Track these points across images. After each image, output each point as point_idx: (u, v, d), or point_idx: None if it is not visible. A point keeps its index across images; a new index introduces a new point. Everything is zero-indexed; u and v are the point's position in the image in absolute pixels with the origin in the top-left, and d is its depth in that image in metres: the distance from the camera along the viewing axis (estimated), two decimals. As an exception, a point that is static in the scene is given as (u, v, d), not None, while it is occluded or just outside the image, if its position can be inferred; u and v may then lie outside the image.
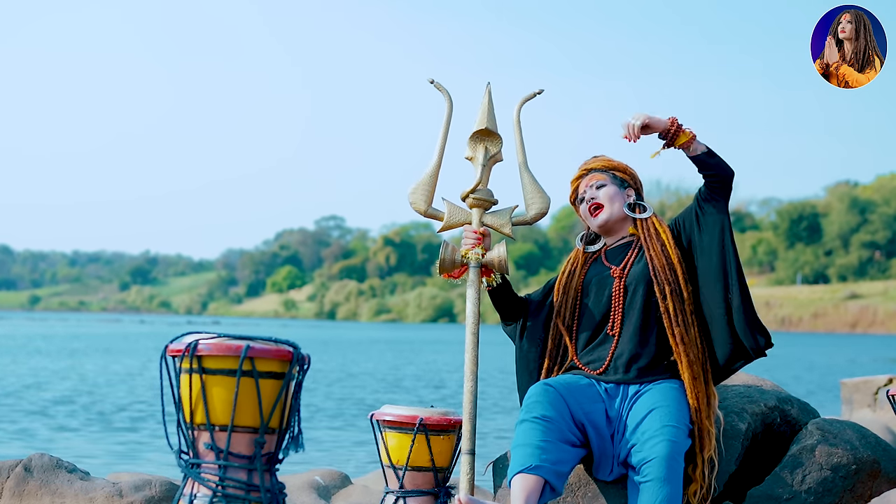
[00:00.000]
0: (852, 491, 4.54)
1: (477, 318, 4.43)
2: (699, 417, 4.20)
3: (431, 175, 4.55)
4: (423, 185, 4.54)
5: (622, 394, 4.26)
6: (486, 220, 4.52)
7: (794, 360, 38.06)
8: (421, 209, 4.53)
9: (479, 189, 4.50)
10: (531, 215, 4.55)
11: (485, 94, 4.59)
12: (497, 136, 4.51)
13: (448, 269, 4.50)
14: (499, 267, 4.44)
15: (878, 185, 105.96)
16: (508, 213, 4.53)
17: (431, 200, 4.55)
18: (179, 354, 3.63)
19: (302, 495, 6.03)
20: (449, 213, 4.54)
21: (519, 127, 4.57)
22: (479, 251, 4.44)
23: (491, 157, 4.51)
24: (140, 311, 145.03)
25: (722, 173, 4.32)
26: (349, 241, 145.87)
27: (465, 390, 4.32)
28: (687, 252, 4.39)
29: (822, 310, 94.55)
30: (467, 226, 4.51)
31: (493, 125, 4.51)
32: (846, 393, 10.84)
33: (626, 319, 4.33)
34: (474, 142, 4.52)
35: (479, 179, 4.49)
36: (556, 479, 4.04)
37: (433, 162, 4.55)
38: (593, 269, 4.48)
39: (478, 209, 4.52)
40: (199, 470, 3.60)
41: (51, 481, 4.97)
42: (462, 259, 4.46)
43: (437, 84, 4.58)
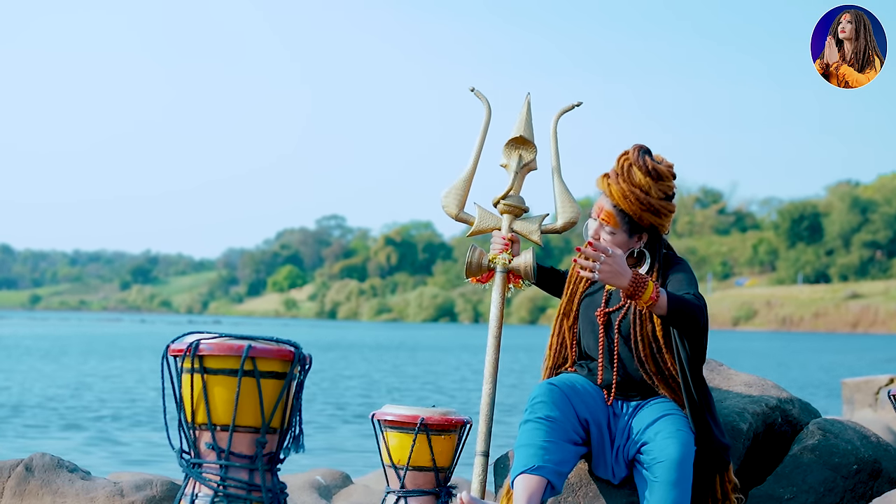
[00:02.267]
0: (853, 491, 4.54)
1: (500, 322, 4.47)
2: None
3: (465, 180, 4.61)
4: (457, 189, 4.60)
5: (622, 408, 4.23)
6: (515, 226, 4.56)
7: (795, 360, 38.06)
8: (452, 213, 4.60)
9: (510, 195, 4.54)
10: (561, 224, 4.58)
11: (524, 103, 4.64)
12: (532, 145, 4.55)
13: (474, 272, 4.55)
14: (525, 273, 4.48)
15: (880, 185, 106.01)
16: (538, 221, 4.57)
17: (464, 205, 4.61)
18: (181, 354, 3.63)
19: (303, 495, 6.03)
20: (479, 217, 4.59)
21: (555, 137, 4.61)
22: (507, 256, 4.48)
23: (525, 165, 4.55)
24: (141, 310, 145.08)
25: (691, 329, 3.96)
26: (350, 240, 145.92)
27: (484, 392, 4.38)
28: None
29: (823, 309, 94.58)
30: (496, 231, 4.56)
31: (529, 134, 4.55)
32: (847, 393, 10.85)
33: (624, 341, 4.20)
34: (509, 149, 4.57)
35: (512, 186, 4.53)
36: (557, 479, 4.04)
37: (468, 167, 4.61)
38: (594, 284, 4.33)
39: (508, 215, 4.56)
40: (201, 470, 3.60)
41: (52, 481, 4.96)
42: (489, 264, 4.50)
43: (478, 92, 4.66)
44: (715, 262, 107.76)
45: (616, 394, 4.23)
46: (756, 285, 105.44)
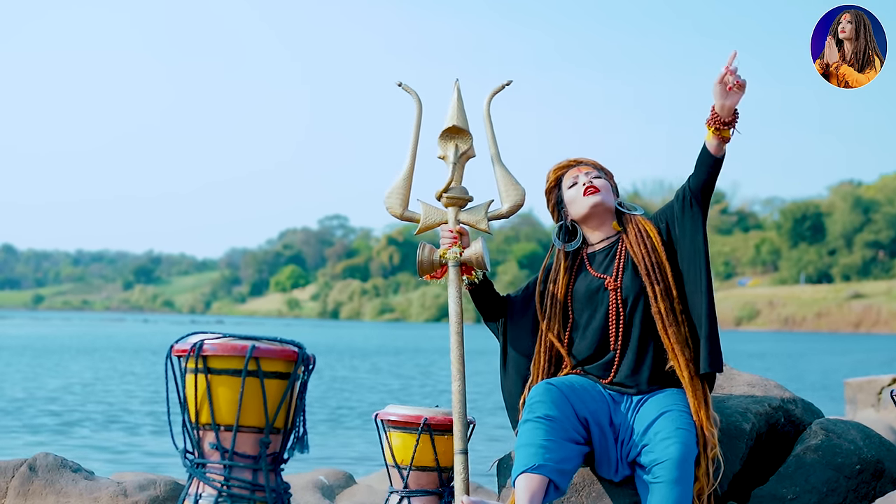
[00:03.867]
0: (856, 491, 4.54)
1: (460, 318, 4.39)
2: (699, 417, 4.17)
3: (405, 178, 4.51)
4: (398, 188, 4.51)
5: (626, 402, 4.24)
6: (461, 218, 4.48)
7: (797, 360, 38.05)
8: (397, 213, 4.50)
9: (452, 187, 4.46)
10: (506, 208, 4.48)
11: (454, 91, 4.54)
12: (467, 133, 4.46)
13: (427, 270, 4.47)
14: (477, 264, 4.39)
15: (882, 185, 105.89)
16: (483, 209, 4.48)
17: (407, 203, 4.52)
18: (185, 354, 3.64)
19: (306, 495, 6.04)
20: (425, 214, 4.50)
21: (489, 120, 4.52)
22: (457, 250, 4.40)
23: (462, 154, 4.47)
24: (143, 310, 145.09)
25: (717, 175, 4.22)
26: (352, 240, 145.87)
27: (454, 390, 4.29)
28: (669, 250, 4.32)
29: (825, 309, 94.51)
30: (443, 225, 4.48)
31: (462, 122, 4.46)
32: (850, 393, 10.85)
33: (626, 335, 4.26)
34: (444, 140, 4.48)
35: (451, 177, 4.45)
36: (559, 477, 4.03)
37: (406, 164, 4.51)
38: (580, 278, 4.37)
39: (453, 208, 4.48)
40: (205, 470, 3.61)
41: (55, 481, 4.97)
42: (441, 259, 4.42)
43: (406, 86, 4.56)
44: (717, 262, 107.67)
45: (625, 386, 4.24)
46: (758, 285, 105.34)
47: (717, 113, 4.06)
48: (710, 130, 4.09)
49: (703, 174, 4.19)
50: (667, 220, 4.33)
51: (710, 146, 4.12)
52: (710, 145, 4.12)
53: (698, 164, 4.20)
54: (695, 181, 4.22)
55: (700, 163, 4.19)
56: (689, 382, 4.19)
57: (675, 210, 4.29)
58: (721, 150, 4.12)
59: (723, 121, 4.05)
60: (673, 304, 4.23)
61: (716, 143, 4.10)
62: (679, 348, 4.19)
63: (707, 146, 4.14)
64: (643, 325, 4.25)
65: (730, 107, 4.04)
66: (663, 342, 4.21)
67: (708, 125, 4.09)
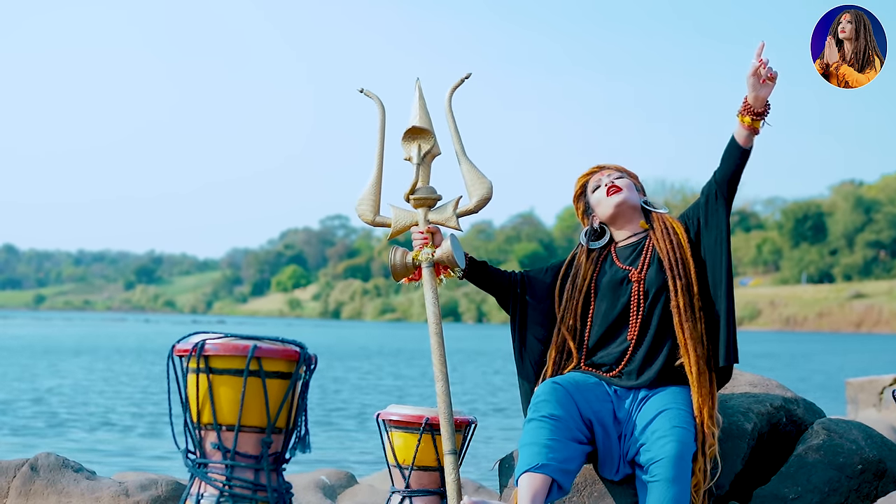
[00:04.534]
0: (858, 491, 4.54)
1: (438, 319, 4.39)
2: (702, 414, 4.19)
3: (374, 183, 4.50)
4: (368, 194, 4.49)
5: (632, 397, 4.26)
6: (431, 217, 4.46)
7: (799, 360, 38.04)
8: (369, 219, 4.50)
9: (419, 188, 4.45)
10: (474, 203, 4.46)
11: (415, 90, 4.52)
12: (428, 132, 4.44)
13: (401, 273, 4.47)
14: (448, 262, 4.39)
15: (884, 185, 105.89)
16: (451, 207, 4.46)
17: (378, 208, 4.50)
18: (186, 354, 3.64)
19: (308, 495, 6.04)
20: (395, 217, 4.49)
21: (451, 116, 4.49)
22: (430, 250, 4.39)
23: (426, 154, 4.45)
24: (145, 310, 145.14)
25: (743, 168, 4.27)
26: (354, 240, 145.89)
27: (438, 391, 4.28)
28: (695, 248, 4.36)
29: (826, 309, 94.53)
30: (414, 227, 4.47)
31: (424, 122, 4.44)
32: (851, 392, 10.85)
33: (644, 326, 4.29)
34: (407, 141, 4.46)
35: (417, 178, 4.44)
36: (563, 477, 4.04)
37: (374, 170, 4.51)
38: (605, 269, 4.40)
39: (422, 208, 4.47)
40: (206, 470, 3.61)
41: (57, 481, 4.97)
42: (414, 261, 4.42)
43: (367, 91, 4.55)
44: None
45: (633, 379, 4.26)
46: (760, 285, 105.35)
47: (749, 104, 4.12)
48: (741, 120, 4.15)
49: (730, 166, 4.24)
50: (695, 218, 4.38)
51: (739, 137, 4.18)
52: (739, 136, 4.18)
53: (725, 156, 4.25)
54: (721, 173, 4.27)
55: (728, 155, 4.24)
56: (697, 379, 4.21)
57: (701, 204, 4.35)
58: (750, 141, 4.18)
59: (755, 111, 4.12)
60: (692, 301, 4.26)
61: (746, 134, 4.16)
62: (692, 344, 4.22)
63: (736, 137, 4.19)
64: (661, 320, 4.28)
65: (763, 98, 4.11)
66: (678, 337, 4.25)
67: (740, 115, 4.15)
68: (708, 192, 4.32)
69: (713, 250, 4.29)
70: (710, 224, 4.30)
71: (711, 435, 4.18)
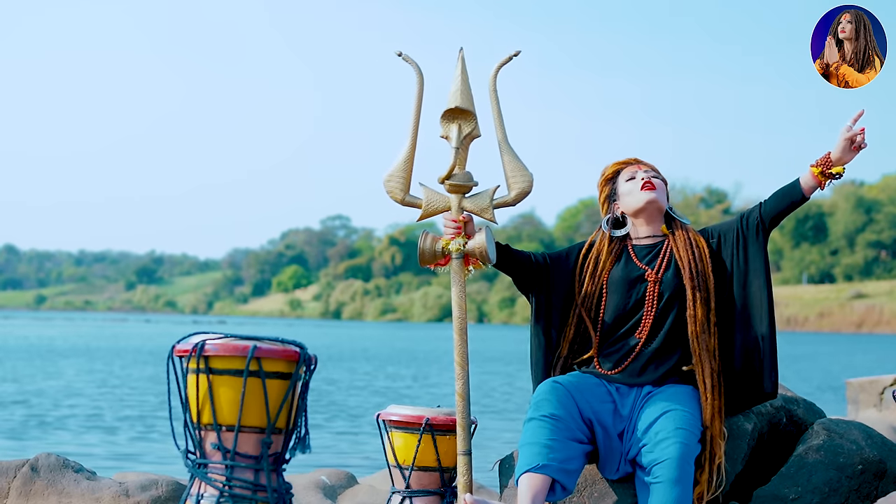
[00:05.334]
0: (858, 491, 4.55)
1: (463, 315, 4.25)
2: (713, 425, 4.19)
3: (406, 160, 4.25)
4: (398, 171, 4.25)
5: (635, 393, 4.26)
6: (465, 205, 4.25)
7: (799, 360, 38.04)
8: (398, 197, 4.27)
9: (455, 173, 4.23)
10: (513, 196, 4.28)
11: (457, 63, 4.27)
12: (470, 114, 4.21)
13: (429, 260, 4.28)
14: (480, 256, 4.23)
15: (884, 185, 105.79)
16: (489, 197, 4.27)
17: (409, 187, 4.27)
18: (186, 355, 3.64)
19: (308, 495, 6.04)
20: (427, 200, 4.26)
21: (496, 98, 4.28)
22: (461, 241, 4.23)
23: (466, 136, 4.22)
24: (146, 310, 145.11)
25: (792, 212, 4.36)
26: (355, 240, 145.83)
27: (457, 391, 4.24)
28: (718, 266, 4.36)
29: (827, 309, 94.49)
30: (446, 213, 4.28)
31: (466, 102, 4.20)
32: (852, 393, 10.84)
33: (656, 325, 4.29)
34: (447, 121, 4.23)
35: (454, 162, 4.20)
36: (564, 477, 4.04)
37: (407, 145, 4.25)
38: (622, 265, 4.38)
39: (456, 195, 4.26)
40: (206, 470, 3.61)
41: (57, 481, 4.98)
42: (443, 250, 4.26)
43: (406, 56, 4.30)
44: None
45: (637, 376, 4.26)
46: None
47: (832, 163, 4.18)
48: (815, 173, 4.19)
49: (782, 207, 4.29)
50: (720, 236, 4.39)
51: (805, 185, 4.23)
52: (806, 185, 4.23)
53: (782, 196, 4.29)
54: (771, 210, 4.31)
55: (784, 196, 4.28)
56: (711, 392, 4.21)
57: (742, 231, 4.35)
58: (812, 191, 4.24)
59: (833, 169, 4.18)
60: (709, 314, 4.28)
61: (814, 185, 4.22)
62: (707, 357, 4.22)
63: (802, 184, 4.23)
64: (673, 324, 4.28)
65: (846, 161, 4.18)
66: (691, 346, 4.25)
67: (816, 166, 4.19)
68: (751, 223, 4.33)
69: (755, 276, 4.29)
70: (751, 257, 4.31)
71: (718, 447, 4.19)
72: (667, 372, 4.28)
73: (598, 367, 4.35)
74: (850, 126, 4.13)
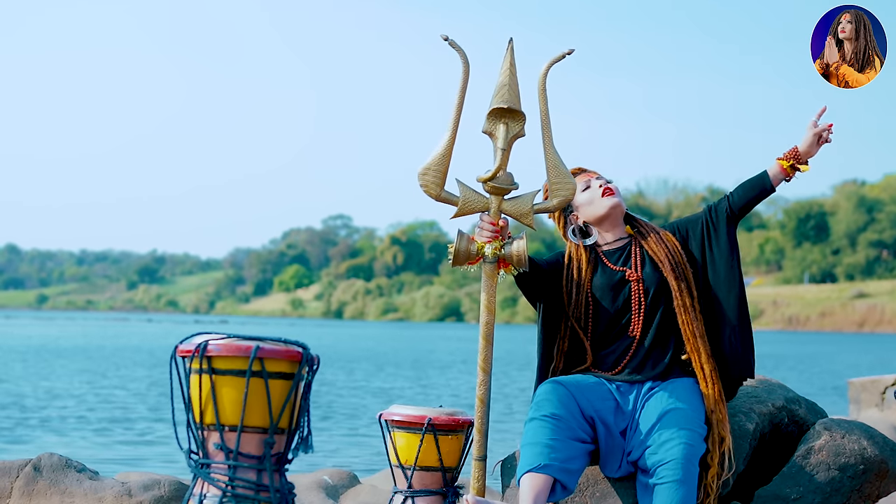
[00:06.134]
0: (860, 491, 4.55)
1: (491, 321, 4.11)
2: (717, 409, 4.22)
3: (444, 154, 4.05)
4: (436, 164, 4.04)
5: (636, 391, 4.27)
6: (505, 207, 4.09)
7: (801, 360, 38.02)
8: (434, 193, 4.06)
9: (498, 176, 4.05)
10: (555, 202, 4.14)
11: (506, 55, 4.04)
12: (520, 114, 4.02)
13: (462, 260, 4.12)
14: (517, 262, 4.09)
15: (886, 184, 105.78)
16: (530, 202, 4.11)
17: (444, 182, 4.06)
18: (189, 355, 3.64)
19: (310, 495, 6.04)
20: (464, 198, 4.07)
21: (545, 98, 4.08)
22: (497, 244, 4.08)
23: (512, 137, 4.03)
24: (147, 310, 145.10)
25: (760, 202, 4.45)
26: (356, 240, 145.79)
27: (477, 396, 4.18)
28: (692, 259, 4.41)
29: (829, 309, 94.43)
30: (484, 215, 4.10)
31: (515, 101, 4.00)
32: (853, 392, 10.84)
33: (647, 322, 4.32)
34: (494, 118, 4.03)
35: (500, 164, 4.01)
36: (566, 477, 4.05)
37: (446, 137, 4.05)
38: (598, 273, 4.39)
39: (496, 196, 4.07)
40: (209, 470, 3.62)
41: (60, 481, 4.98)
42: (479, 251, 4.10)
43: (453, 42, 4.04)
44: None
45: (637, 374, 4.27)
46: (762, 285, 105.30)
47: (800, 155, 4.30)
48: (783, 164, 4.31)
49: (750, 197, 4.39)
50: (687, 230, 4.46)
51: (773, 177, 4.34)
52: (774, 177, 4.34)
53: (748, 187, 4.38)
54: (740, 201, 4.40)
55: (752, 187, 4.37)
56: (709, 376, 4.24)
57: (712, 223, 4.42)
58: (779, 183, 4.36)
59: (801, 162, 4.31)
60: (694, 302, 4.33)
61: (781, 177, 4.34)
62: (701, 342, 4.27)
63: (770, 175, 4.34)
64: (663, 317, 4.33)
65: (813, 155, 4.31)
66: (684, 335, 4.30)
67: (784, 160, 4.31)
68: (720, 214, 4.41)
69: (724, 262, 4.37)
70: (722, 246, 4.39)
71: (725, 428, 4.22)
72: (667, 367, 4.29)
73: (598, 371, 4.36)
74: (816, 122, 4.25)
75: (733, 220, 4.40)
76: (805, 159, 4.29)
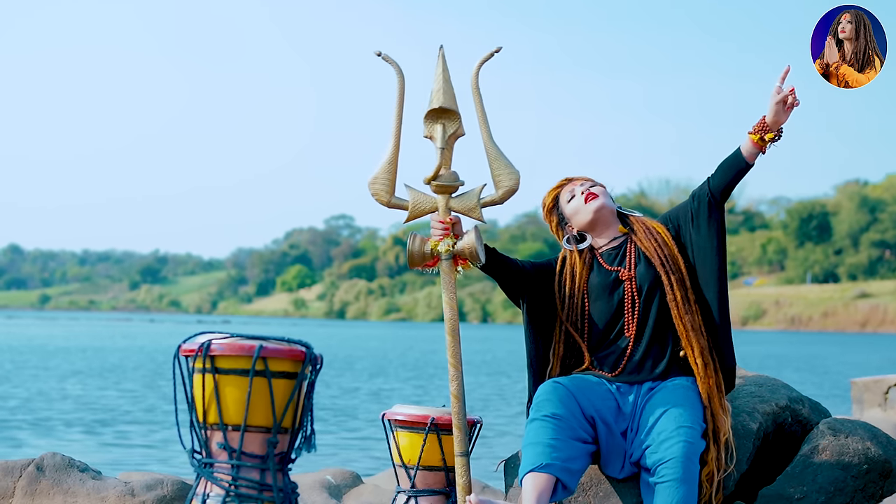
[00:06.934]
0: (864, 491, 4.55)
1: (455, 316, 4.24)
2: (712, 403, 4.21)
3: (390, 162, 4.21)
4: (383, 173, 4.21)
5: (636, 391, 4.27)
6: (452, 205, 4.23)
7: (804, 360, 38.02)
8: (384, 200, 4.23)
9: (440, 174, 4.20)
10: (500, 194, 4.26)
11: (438, 62, 4.23)
12: (454, 113, 4.18)
13: (418, 262, 4.26)
14: (470, 256, 4.21)
15: (888, 184, 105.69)
16: (476, 196, 4.25)
17: (394, 189, 4.23)
18: (192, 354, 3.64)
19: (313, 495, 6.05)
20: (413, 201, 4.24)
21: (479, 95, 4.22)
22: (450, 242, 4.20)
23: (450, 136, 4.19)
24: (150, 310, 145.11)
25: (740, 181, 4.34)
26: (359, 240, 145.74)
27: (451, 392, 4.21)
28: (682, 249, 4.39)
29: (832, 309, 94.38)
30: (433, 215, 4.25)
31: (449, 101, 4.17)
32: (857, 392, 10.85)
33: (641, 321, 4.32)
34: (431, 121, 4.20)
35: (440, 163, 4.17)
36: (567, 476, 4.05)
37: (390, 146, 4.20)
38: (593, 274, 4.39)
39: (443, 195, 4.22)
40: (212, 469, 3.62)
41: (63, 481, 4.99)
42: (433, 251, 4.24)
43: (386, 56, 4.24)
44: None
45: (636, 374, 4.27)
46: (765, 285, 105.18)
47: (768, 126, 4.17)
48: (752, 138, 4.19)
49: (728, 177, 4.29)
50: (679, 221, 4.42)
51: (746, 152, 4.22)
52: (747, 152, 4.22)
53: (726, 168, 4.29)
54: (719, 183, 4.31)
55: (728, 167, 4.28)
56: (703, 369, 4.24)
57: (693, 210, 4.37)
58: (755, 158, 4.23)
59: (770, 132, 4.17)
60: (687, 294, 4.30)
61: (754, 151, 4.22)
62: (695, 336, 4.25)
63: (742, 151, 4.23)
64: (658, 314, 4.31)
65: (781, 123, 4.17)
66: (678, 330, 4.28)
67: (754, 133, 4.19)
68: (701, 199, 4.35)
69: (711, 260, 4.32)
70: (704, 232, 4.32)
71: (723, 423, 4.21)
72: (666, 366, 4.29)
73: (597, 370, 4.36)
74: (780, 87, 4.14)
75: (716, 205, 4.30)
76: (775, 129, 4.16)
